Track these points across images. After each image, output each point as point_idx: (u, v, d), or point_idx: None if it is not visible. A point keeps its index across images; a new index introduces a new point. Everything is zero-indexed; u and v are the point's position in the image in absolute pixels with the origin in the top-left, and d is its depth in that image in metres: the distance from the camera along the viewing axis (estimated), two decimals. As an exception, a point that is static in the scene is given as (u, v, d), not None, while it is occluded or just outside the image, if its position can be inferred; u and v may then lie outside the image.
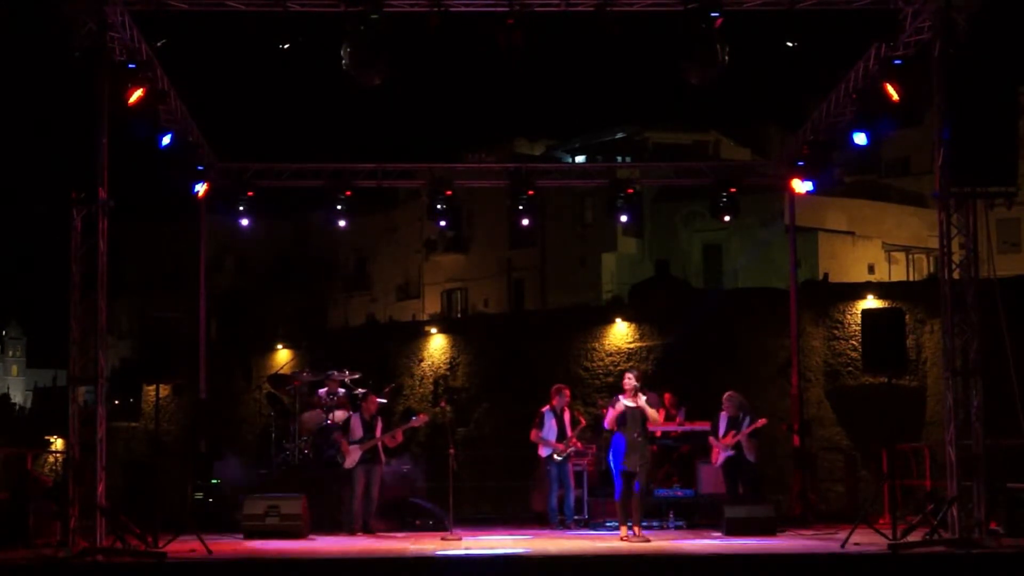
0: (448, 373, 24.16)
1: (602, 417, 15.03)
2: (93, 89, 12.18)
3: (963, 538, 11.65)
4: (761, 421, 15.33)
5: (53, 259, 12.97)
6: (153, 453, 15.74)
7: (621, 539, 13.37)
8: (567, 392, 16.19)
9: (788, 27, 12.61)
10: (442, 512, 15.05)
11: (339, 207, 17.65)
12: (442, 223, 18.68)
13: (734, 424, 15.26)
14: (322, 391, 17.21)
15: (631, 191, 18.05)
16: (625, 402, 13.49)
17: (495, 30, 12.37)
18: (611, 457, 13.59)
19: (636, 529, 13.33)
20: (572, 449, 15.82)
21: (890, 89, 13.38)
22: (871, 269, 37.49)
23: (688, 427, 16.54)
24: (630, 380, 13.61)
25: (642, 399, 13.53)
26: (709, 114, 42.20)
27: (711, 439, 15.54)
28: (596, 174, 20.47)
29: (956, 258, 12.43)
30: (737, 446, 15.22)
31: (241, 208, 17.62)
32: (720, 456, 15.39)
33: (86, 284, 12.20)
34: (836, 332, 20.01)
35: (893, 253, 39.18)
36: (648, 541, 13.09)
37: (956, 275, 12.43)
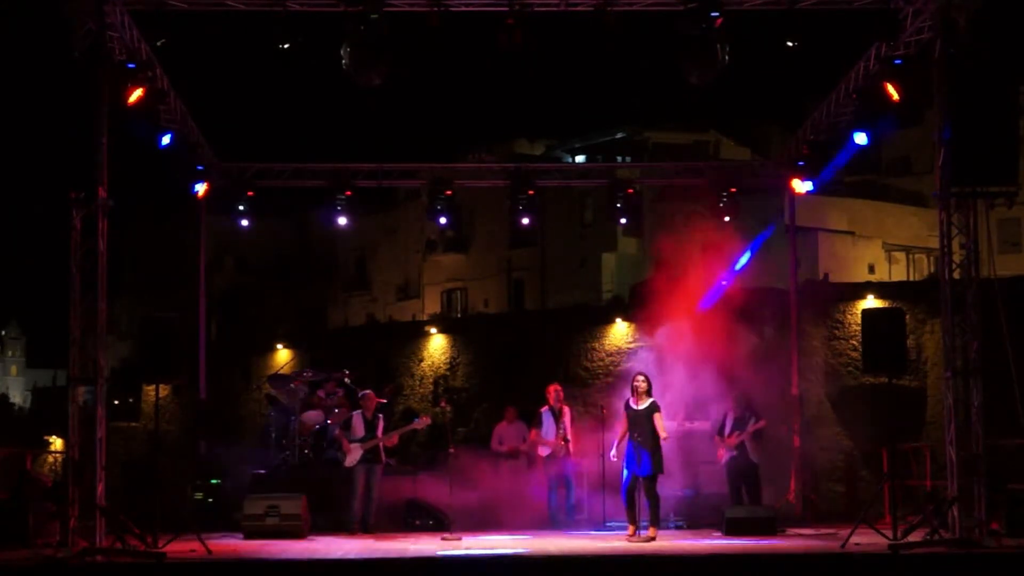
0: (448, 373, 24.13)
1: (604, 418, 15.08)
2: (93, 89, 12.18)
3: (963, 538, 11.66)
4: (761, 422, 15.36)
5: (53, 259, 12.98)
6: (153, 453, 15.70)
7: (627, 539, 13.37)
8: (560, 390, 16.21)
9: (788, 27, 12.61)
10: (442, 512, 15.07)
11: (339, 207, 17.65)
12: (442, 223, 18.70)
13: (740, 424, 15.29)
14: (322, 391, 17.21)
15: (631, 191, 18.06)
16: (632, 405, 13.51)
17: (495, 30, 12.38)
18: (623, 459, 13.63)
19: (631, 528, 13.37)
20: (567, 443, 15.83)
21: (890, 89, 13.39)
22: (871, 269, 37.42)
23: (688, 427, 16.53)
24: (639, 382, 13.61)
25: (649, 402, 13.52)
26: (709, 114, 42.06)
27: (716, 438, 15.57)
28: (596, 174, 20.44)
29: (956, 258, 12.44)
30: (740, 446, 15.25)
31: (241, 208, 17.62)
32: (724, 456, 15.43)
33: (86, 284, 12.21)
34: (836, 332, 19.97)
35: (893, 253, 39.12)
36: (652, 540, 13.09)
37: (956, 275, 12.44)
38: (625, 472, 13.50)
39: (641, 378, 13.68)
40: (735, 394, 15.62)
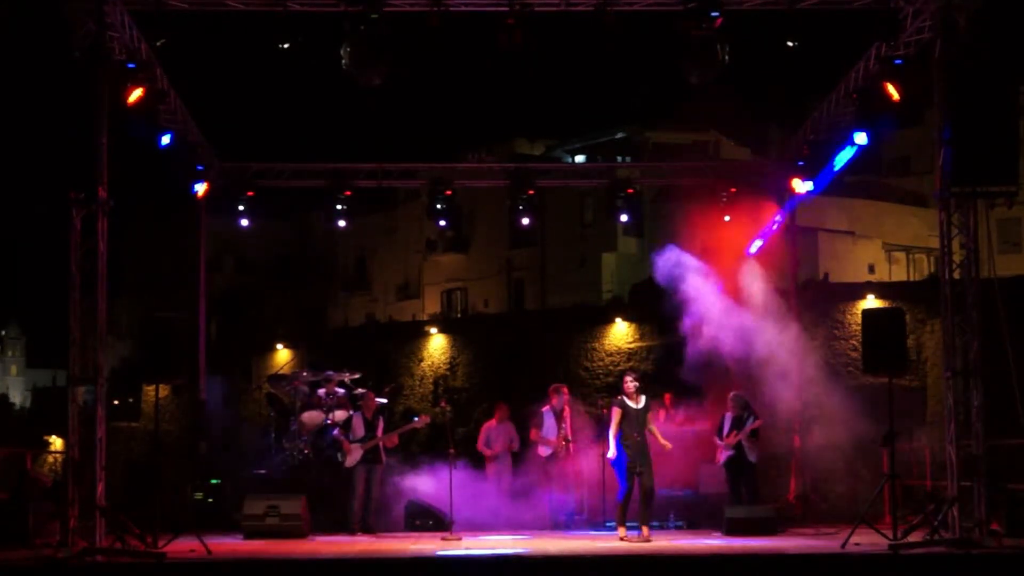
0: (448, 373, 24.14)
1: (603, 418, 15.06)
2: (93, 89, 12.19)
3: (963, 538, 11.66)
4: (758, 422, 15.38)
5: (53, 259, 12.98)
6: (153, 453, 15.71)
7: (620, 539, 13.39)
8: (565, 390, 16.23)
9: (788, 27, 12.61)
10: (442, 512, 15.06)
11: (339, 207, 17.66)
12: (442, 223, 18.71)
13: (738, 424, 15.34)
14: (322, 391, 17.20)
15: (631, 191, 18.06)
16: (628, 403, 13.54)
17: (495, 30, 12.38)
18: (614, 458, 13.65)
19: (644, 529, 13.37)
20: (568, 443, 15.83)
21: (890, 89, 13.38)
22: (871, 269, 37.42)
23: (688, 427, 16.55)
24: (630, 382, 13.66)
25: (643, 400, 13.58)
26: (709, 114, 41.99)
27: (715, 438, 15.60)
28: (596, 174, 20.43)
29: (956, 258, 12.44)
30: (738, 446, 15.28)
31: (241, 208, 17.64)
32: (722, 456, 15.46)
33: (86, 284, 12.20)
34: (836, 332, 19.97)
35: (893, 253, 39.13)
36: (649, 541, 13.12)
37: (956, 275, 12.43)
38: (621, 473, 13.51)
39: (629, 377, 13.76)
40: (731, 394, 15.66)
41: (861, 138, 14.65)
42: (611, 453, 13.73)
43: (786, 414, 16.90)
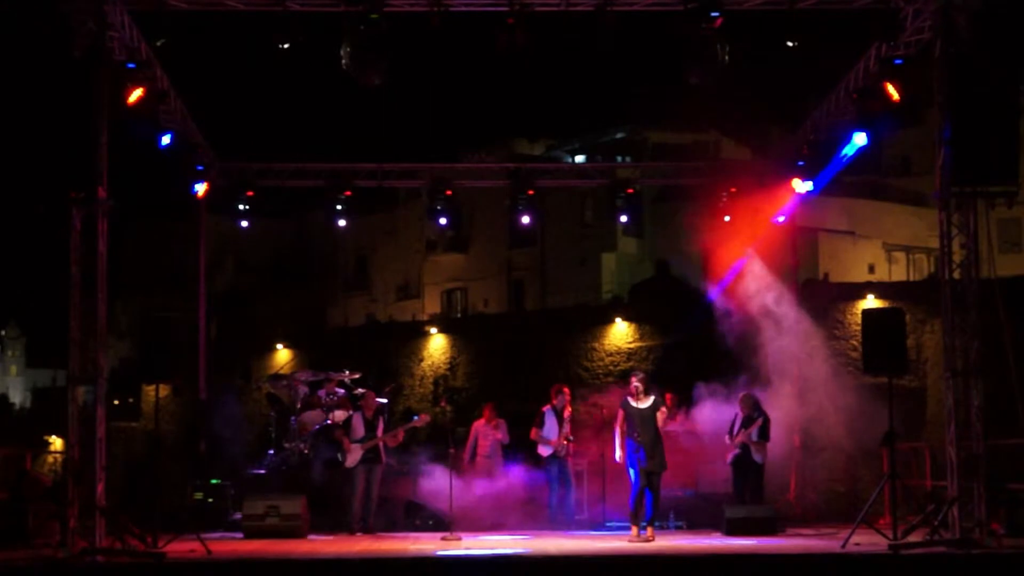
0: (448, 373, 24.15)
1: (604, 418, 15.07)
2: (93, 89, 12.19)
3: (964, 538, 11.66)
4: (758, 421, 15.38)
5: (53, 259, 12.97)
6: (153, 453, 15.72)
7: (630, 540, 13.37)
8: (567, 391, 16.23)
9: (788, 27, 12.62)
10: (442, 512, 15.07)
11: (339, 207, 17.67)
12: (442, 223, 18.72)
13: (748, 424, 15.33)
14: (322, 391, 17.20)
15: (631, 191, 18.07)
16: (631, 404, 13.52)
17: (495, 30, 12.39)
18: (626, 459, 13.62)
19: (649, 530, 13.37)
20: (568, 442, 15.83)
21: (890, 89, 13.39)
22: (871, 269, 37.43)
23: (689, 427, 16.56)
24: (635, 382, 13.63)
25: (650, 400, 13.55)
26: (709, 114, 41.97)
27: (726, 437, 15.61)
28: (596, 174, 20.46)
29: (957, 258, 12.44)
30: (743, 445, 15.26)
31: (241, 208, 17.64)
32: (729, 454, 15.48)
33: (86, 284, 12.20)
34: (836, 332, 19.98)
35: (893, 253, 39.13)
36: (651, 540, 13.11)
37: (956, 275, 12.43)
38: (632, 473, 13.47)
39: (635, 378, 13.74)
40: (741, 395, 15.66)
41: (861, 138, 14.66)
42: (617, 455, 13.72)
43: (795, 411, 16.91)
